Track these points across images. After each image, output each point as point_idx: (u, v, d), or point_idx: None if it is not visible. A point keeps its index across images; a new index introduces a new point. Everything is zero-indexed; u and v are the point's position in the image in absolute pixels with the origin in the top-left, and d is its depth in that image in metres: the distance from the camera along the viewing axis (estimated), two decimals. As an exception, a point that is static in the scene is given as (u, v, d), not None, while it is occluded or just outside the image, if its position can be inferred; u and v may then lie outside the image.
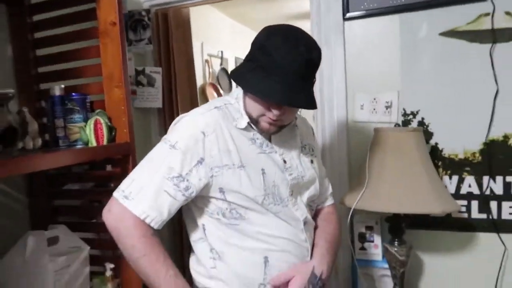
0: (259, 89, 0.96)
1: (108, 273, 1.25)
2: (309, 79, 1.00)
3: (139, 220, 0.95)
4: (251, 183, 1.01)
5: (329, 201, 1.27)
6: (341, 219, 1.29)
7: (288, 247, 1.05)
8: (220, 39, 3.64)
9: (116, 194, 0.98)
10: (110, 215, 0.97)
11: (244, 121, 1.04)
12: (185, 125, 1.02)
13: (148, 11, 1.90)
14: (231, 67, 5.32)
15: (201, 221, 1.05)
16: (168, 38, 2.00)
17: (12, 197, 1.32)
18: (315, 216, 1.20)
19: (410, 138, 1.40)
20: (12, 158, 0.93)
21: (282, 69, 0.94)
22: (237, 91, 1.10)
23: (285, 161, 1.08)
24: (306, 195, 1.13)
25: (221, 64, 3.62)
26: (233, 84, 3.59)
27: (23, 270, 1.07)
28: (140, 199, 0.96)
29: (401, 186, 1.35)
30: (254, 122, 1.04)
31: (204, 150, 0.99)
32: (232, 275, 1.03)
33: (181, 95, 2.05)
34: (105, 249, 1.33)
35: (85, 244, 1.23)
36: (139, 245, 0.95)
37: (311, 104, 0.98)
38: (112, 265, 1.26)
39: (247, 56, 1.02)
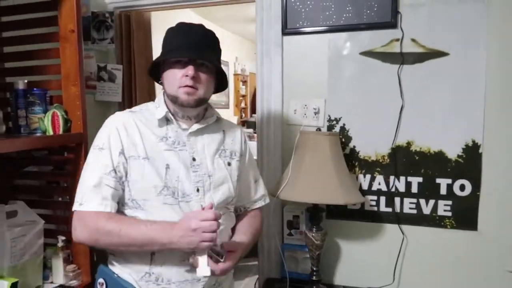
0: (168, 55, 1.14)
1: (60, 244, 1.46)
2: (211, 44, 1.18)
3: (97, 212, 1.08)
4: (151, 174, 1.11)
5: (258, 204, 1.39)
6: (268, 214, 1.46)
7: None
8: None
9: (73, 208, 1.11)
10: (77, 229, 1.10)
11: (162, 111, 1.18)
12: (102, 129, 1.17)
13: (111, 13, 2.09)
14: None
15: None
16: (130, 38, 2.20)
17: (-24, 175, 1.50)
18: (242, 216, 1.34)
19: (326, 141, 1.67)
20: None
21: (180, 39, 1.14)
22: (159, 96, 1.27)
23: (194, 159, 1.18)
24: (218, 195, 1.20)
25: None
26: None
27: (-16, 237, 1.26)
28: (90, 199, 1.09)
29: (314, 181, 1.61)
30: (175, 100, 1.16)
31: (121, 142, 1.13)
32: (122, 262, 1.16)
33: (139, 90, 2.25)
34: (59, 224, 1.53)
35: (40, 219, 1.43)
36: (111, 225, 1.06)
37: (214, 59, 1.17)
38: (63, 237, 1.46)
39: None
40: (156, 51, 2.89)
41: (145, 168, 1.13)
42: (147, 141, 1.16)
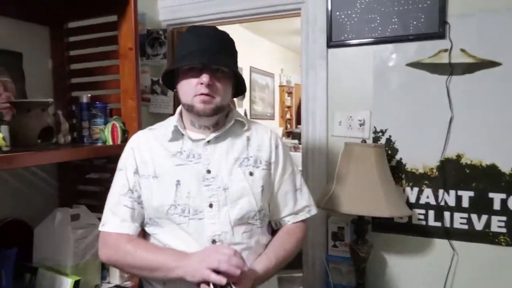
0: (181, 63, 1.07)
1: (116, 246, 1.56)
2: (226, 48, 1.11)
3: (118, 234, 1.09)
4: (160, 193, 1.08)
5: (301, 217, 1.22)
6: (313, 225, 1.31)
7: None
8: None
9: (99, 228, 1.14)
10: (101, 249, 1.12)
11: (172, 125, 1.13)
12: (124, 150, 1.19)
13: (164, 30, 2.22)
14: (246, 76, 5.63)
15: (145, 231, 1.16)
16: (181, 54, 2.32)
17: (45, 181, 1.65)
18: (279, 231, 1.21)
19: (371, 153, 1.66)
20: (48, 150, 1.25)
21: (195, 41, 1.07)
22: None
23: (209, 171, 1.10)
24: (235, 210, 1.09)
25: (234, 74, 3.93)
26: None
27: (51, 237, 1.39)
28: (110, 220, 1.11)
29: (359, 192, 1.61)
30: (190, 109, 1.09)
31: (135, 161, 1.13)
32: (150, 279, 1.12)
33: (189, 103, 2.36)
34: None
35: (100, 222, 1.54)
36: (128, 247, 1.06)
37: (230, 63, 1.09)
38: (119, 240, 1.56)
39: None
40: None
41: (153, 187, 1.10)
42: (158, 158, 1.12)
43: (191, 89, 1.07)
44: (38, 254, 1.40)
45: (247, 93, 4.13)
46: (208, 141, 1.13)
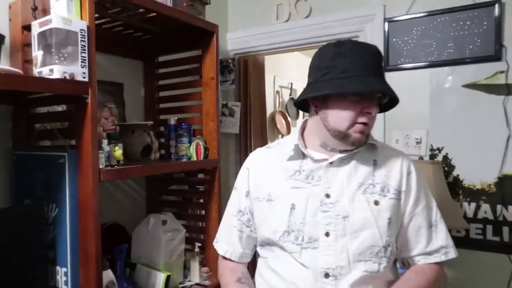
0: (345, 87, 0.92)
1: (196, 249, 1.78)
2: (382, 69, 0.98)
3: (222, 257, 1.16)
4: (273, 217, 1.02)
5: (434, 259, 1.05)
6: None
7: None
8: (290, 72, 4.09)
9: (213, 243, 1.20)
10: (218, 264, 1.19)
11: (292, 144, 1.05)
12: (241, 168, 1.17)
13: (233, 59, 2.48)
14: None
15: (256, 251, 1.16)
16: (247, 79, 2.56)
17: (136, 191, 1.92)
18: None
19: (429, 168, 1.77)
20: (147, 165, 1.51)
21: (354, 64, 0.93)
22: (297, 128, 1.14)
23: (328, 195, 0.99)
24: (356, 243, 0.95)
25: (290, 94, 4.11)
26: (300, 112, 4.06)
27: (146, 238, 1.63)
28: (221, 238, 1.17)
29: (418, 205, 1.72)
30: (341, 136, 0.98)
31: (249, 183, 1.10)
32: None
33: (253, 123, 2.59)
34: (195, 233, 1.87)
35: (183, 228, 1.77)
36: (224, 278, 1.12)
37: (391, 91, 0.95)
38: (199, 244, 1.78)
39: (308, 81, 1.03)
40: (268, 89, 3.21)
41: (266, 211, 1.04)
42: (274, 180, 1.05)
43: (351, 117, 0.95)
44: (135, 252, 1.65)
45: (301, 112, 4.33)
46: (331, 163, 1.01)
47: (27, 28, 1.34)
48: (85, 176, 1.18)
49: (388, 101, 1.04)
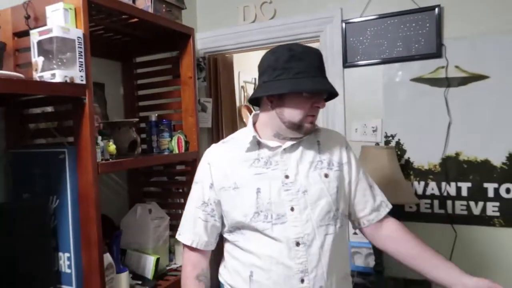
0: (301, 85, 1.07)
1: (180, 235, 1.93)
2: (324, 72, 1.15)
3: (188, 247, 1.24)
4: (242, 203, 1.14)
5: (383, 212, 1.27)
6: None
7: (270, 266, 1.11)
8: (254, 68, 4.30)
9: (176, 236, 1.29)
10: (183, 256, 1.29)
11: (250, 136, 1.17)
12: (199, 164, 1.27)
13: (204, 58, 2.63)
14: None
15: (223, 238, 1.27)
16: (217, 76, 2.72)
17: (119, 184, 2.05)
18: (380, 236, 1.26)
19: (383, 153, 2.02)
20: (137, 158, 1.65)
21: (306, 67, 1.08)
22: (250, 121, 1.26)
23: (287, 176, 1.14)
24: (317, 211, 1.12)
25: (254, 89, 4.31)
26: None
27: (135, 226, 1.77)
28: (185, 230, 1.25)
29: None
30: (296, 127, 1.13)
31: (212, 176, 1.20)
32: (229, 282, 1.22)
33: (225, 118, 2.76)
34: (177, 220, 2.01)
35: (167, 216, 1.92)
36: (182, 284, 1.23)
37: (334, 89, 1.12)
38: (182, 230, 1.94)
39: (262, 79, 1.15)
40: (238, 85, 3.38)
41: (234, 198, 1.16)
42: (236, 170, 1.17)
43: (304, 111, 1.12)
44: (124, 240, 1.78)
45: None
46: (285, 149, 1.17)
47: (18, 34, 1.44)
48: (84, 169, 1.31)
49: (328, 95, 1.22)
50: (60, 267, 1.37)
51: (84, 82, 1.27)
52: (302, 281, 1.09)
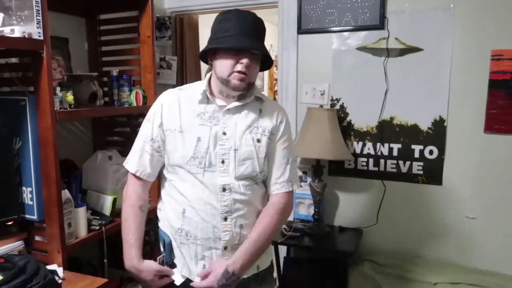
0: (221, 44, 1.21)
1: (138, 180, 2.15)
2: (261, 34, 1.25)
3: (133, 177, 1.38)
4: (183, 146, 1.27)
5: (279, 189, 1.34)
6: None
7: (199, 205, 1.27)
8: None
9: (123, 164, 1.43)
10: (126, 184, 1.43)
11: (201, 90, 1.29)
12: (153, 104, 1.39)
13: (169, 17, 2.75)
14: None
15: (162, 175, 1.40)
16: (182, 36, 2.86)
17: (83, 133, 2.23)
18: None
19: (325, 115, 2.25)
20: (95, 108, 1.83)
21: (234, 27, 1.20)
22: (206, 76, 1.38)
23: (224, 133, 1.28)
24: (242, 168, 1.28)
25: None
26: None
27: (95, 169, 1.97)
28: (132, 160, 1.38)
29: (315, 143, 2.21)
30: (225, 82, 1.25)
31: (162, 116, 1.32)
32: (165, 217, 1.38)
33: (189, 75, 2.92)
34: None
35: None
36: (124, 211, 1.37)
37: (265, 50, 1.24)
38: (140, 176, 2.15)
39: (208, 39, 1.29)
40: (202, 45, 3.50)
41: (178, 140, 1.29)
42: (185, 116, 1.30)
43: (229, 66, 1.22)
44: (85, 182, 2.00)
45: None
46: (228, 109, 1.30)
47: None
48: (43, 116, 1.49)
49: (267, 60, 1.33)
50: (24, 199, 1.58)
51: (41, 37, 1.42)
52: (225, 219, 1.28)
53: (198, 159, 1.27)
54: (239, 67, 1.23)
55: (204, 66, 3.65)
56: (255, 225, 1.31)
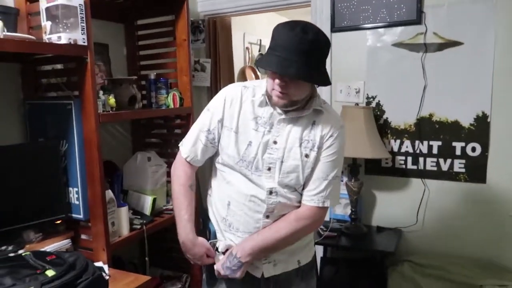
0: (260, 63, 1.22)
1: (176, 180, 2.20)
2: (307, 56, 1.14)
3: (184, 160, 1.40)
4: (234, 146, 1.30)
5: (308, 201, 1.30)
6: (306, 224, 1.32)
7: (245, 201, 1.30)
8: (259, 29, 4.30)
9: (179, 145, 1.45)
10: (174, 163, 1.46)
11: (261, 94, 1.29)
12: (217, 95, 1.38)
13: (203, 20, 2.80)
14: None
15: (214, 164, 1.42)
16: (216, 38, 2.90)
17: (123, 135, 2.31)
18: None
19: (361, 113, 2.22)
20: (135, 111, 1.89)
21: (280, 46, 1.15)
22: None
23: (275, 142, 1.28)
24: (286, 179, 1.28)
25: (259, 50, 4.41)
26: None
27: (135, 170, 2.04)
28: (187, 143, 1.40)
29: (351, 142, 2.17)
30: (269, 98, 1.26)
31: (224, 112, 1.32)
32: (213, 203, 1.42)
33: (223, 77, 2.96)
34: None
35: (164, 163, 2.18)
36: (177, 189, 1.39)
37: (300, 75, 1.14)
38: (178, 176, 2.20)
39: None
40: (235, 47, 3.54)
41: (231, 139, 1.31)
42: (243, 117, 1.30)
43: (270, 83, 1.23)
44: (126, 182, 2.06)
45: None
46: (284, 118, 1.28)
47: (29, 0, 1.65)
48: (88, 119, 1.56)
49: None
50: (70, 199, 1.65)
51: (85, 43, 1.49)
52: (268, 217, 1.31)
53: (245, 163, 1.30)
54: (276, 86, 1.21)
55: (237, 68, 3.70)
56: (271, 224, 1.31)
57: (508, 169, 2.12)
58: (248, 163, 1.29)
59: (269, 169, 1.28)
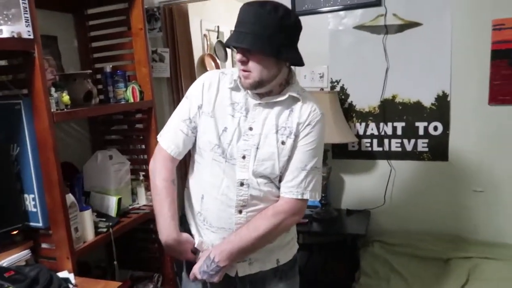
0: (226, 41, 1.20)
1: (141, 178, 2.10)
2: (274, 31, 1.10)
3: (165, 153, 1.32)
4: (211, 132, 1.25)
5: (286, 193, 1.25)
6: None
7: (217, 194, 1.26)
8: (217, 15, 4.18)
9: (157, 137, 1.37)
10: (153, 158, 1.36)
11: (233, 79, 1.25)
12: (195, 82, 1.33)
13: (159, 8, 2.66)
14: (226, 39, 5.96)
15: (191, 156, 1.38)
16: (173, 27, 2.77)
17: (80, 132, 2.17)
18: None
19: (326, 98, 2.21)
20: (92, 107, 1.76)
21: (246, 22, 1.12)
22: None
23: (251, 128, 1.23)
24: (261, 167, 1.23)
25: (217, 37, 4.29)
26: (228, 55, 4.32)
27: (96, 170, 1.92)
28: (167, 135, 1.33)
29: (318, 127, 2.17)
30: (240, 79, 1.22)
31: (202, 97, 1.28)
32: (188, 199, 1.38)
33: (183, 67, 2.84)
34: (138, 164, 2.18)
35: (127, 161, 2.07)
36: (159, 184, 1.29)
37: (255, 45, 1.10)
38: (143, 173, 2.10)
39: None
40: (196, 33, 3.41)
41: (208, 124, 1.26)
42: (219, 102, 1.27)
43: (237, 62, 1.19)
44: (87, 183, 1.94)
45: (229, 54, 4.54)
46: (259, 103, 1.24)
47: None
48: (40, 118, 1.43)
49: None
50: (27, 207, 1.52)
51: (31, 36, 1.35)
52: (240, 212, 1.26)
53: (220, 149, 1.25)
54: (239, 65, 1.18)
55: (196, 57, 3.58)
56: (248, 222, 1.26)
57: (468, 145, 2.19)
58: (222, 150, 1.25)
59: (243, 157, 1.24)
